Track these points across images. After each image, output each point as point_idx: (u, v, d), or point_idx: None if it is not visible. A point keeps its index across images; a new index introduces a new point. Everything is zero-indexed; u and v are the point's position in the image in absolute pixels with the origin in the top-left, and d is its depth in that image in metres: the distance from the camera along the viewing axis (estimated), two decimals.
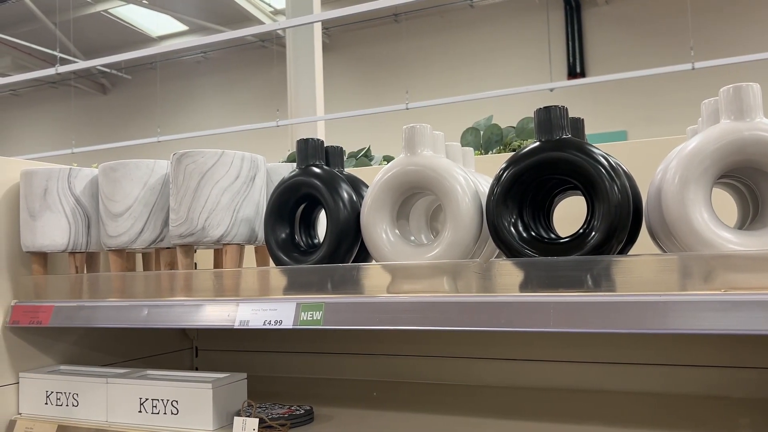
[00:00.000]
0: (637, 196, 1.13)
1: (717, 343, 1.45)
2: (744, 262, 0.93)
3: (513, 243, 1.07)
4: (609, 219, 1.02)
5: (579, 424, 1.26)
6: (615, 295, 0.97)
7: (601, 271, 0.99)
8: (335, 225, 1.19)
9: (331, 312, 1.15)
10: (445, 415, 1.35)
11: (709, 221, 0.96)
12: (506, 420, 1.30)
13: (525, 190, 1.10)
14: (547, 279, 1.02)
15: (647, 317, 0.95)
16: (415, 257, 1.14)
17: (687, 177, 0.97)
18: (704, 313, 0.92)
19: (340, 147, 1.34)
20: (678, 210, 0.98)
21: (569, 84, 8.42)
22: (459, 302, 1.06)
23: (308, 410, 1.33)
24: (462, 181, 1.13)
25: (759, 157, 0.95)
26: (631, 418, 1.29)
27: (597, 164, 1.03)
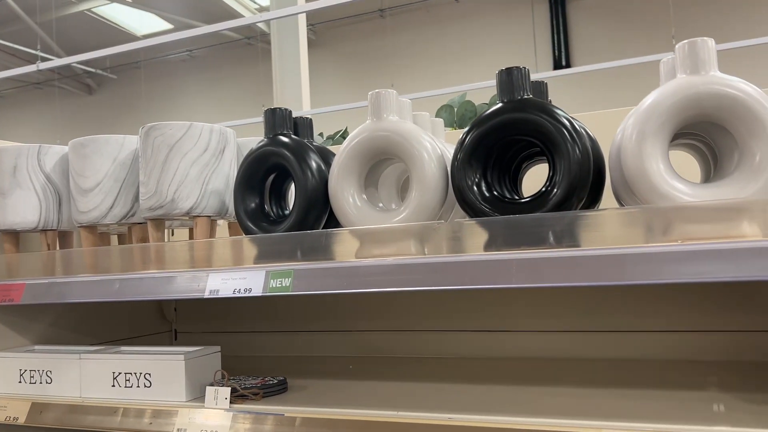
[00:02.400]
0: (599, 156, 1.14)
1: (688, 308, 1.46)
2: (699, 214, 0.95)
3: (476, 203, 1.08)
4: (569, 177, 1.03)
5: (553, 387, 1.27)
6: (575, 250, 0.98)
7: (560, 227, 1.00)
8: (303, 193, 1.20)
9: (300, 278, 1.16)
10: (419, 383, 1.36)
11: (665, 175, 0.98)
12: (480, 385, 1.31)
13: (489, 151, 1.11)
14: (509, 237, 1.03)
15: (606, 270, 0.96)
16: (382, 222, 1.15)
17: (644, 132, 0.99)
18: (662, 264, 0.93)
19: (310, 118, 1.34)
20: (636, 165, 0.99)
21: (554, 75, 8.44)
22: (425, 263, 1.07)
23: (281, 380, 1.34)
24: (427, 146, 1.14)
25: (714, 111, 0.97)
26: (605, 382, 1.30)
27: (557, 123, 1.04)
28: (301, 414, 1.17)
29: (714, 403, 1.07)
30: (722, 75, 0.97)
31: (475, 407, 1.13)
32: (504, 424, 1.01)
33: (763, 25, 7.95)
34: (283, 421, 1.18)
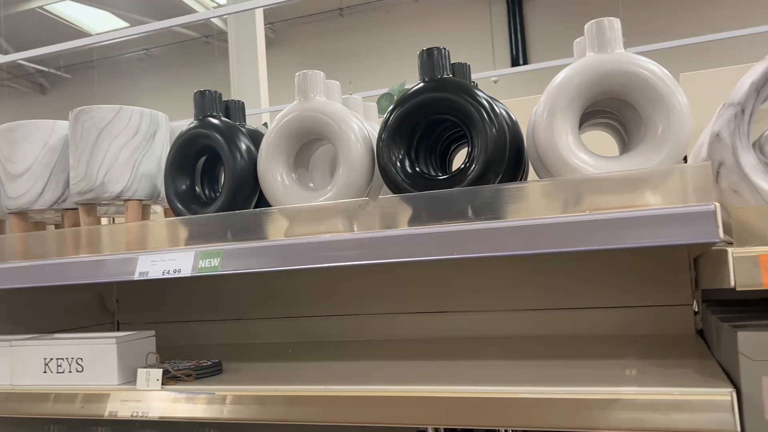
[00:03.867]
0: (518, 136, 1.18)
1: (613, 286, 1.52)
2: (606, 185, 0.99)
3: (398, 180, 1.11)
4: (486, 154, 1.07)
5: (488, 360, 1.31)
6: (491, 222, 1.02)
7: (477, 201, 1.04)
8: (232, 174, 1.21)
9: (230, 258, 1.17)
10: (354, 362, 1.38)
11: (574, 148, 1.02)
12: (412, 361, 1.34)
13: (413, 130, 1.14)
14: (430, 212, 1.06)
15: (520, 240, 1.00)
16: (310, 201, 1.17)
17: (554, 108, 1.03)
18: (572, 233, 0.97)
19: (242, 101, 1.35)
20: (547, 139, 1.03)
21: (512, 71, 8.58)
22: (350, 239, 1.09)
23: (216, 363, 1.34)
24: (354, 126, 1.16)
25: (619, 87, 1.01)
26: (530, 356, 1.34)
27: (475, 102, 1.08)
28: (231, 392, 1.18)
29: (627, 369, 1.12)
30: (626, 53, 1.02)
31: (402, 380, 1.16)
32: (423, 393, 1.04)
33: (709, 25, 8.22)
34: (213, 400, 1.19)
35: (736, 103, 0.97)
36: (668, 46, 6.18)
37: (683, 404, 0.92)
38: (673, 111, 0.99)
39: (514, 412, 1.00)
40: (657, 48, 6.07)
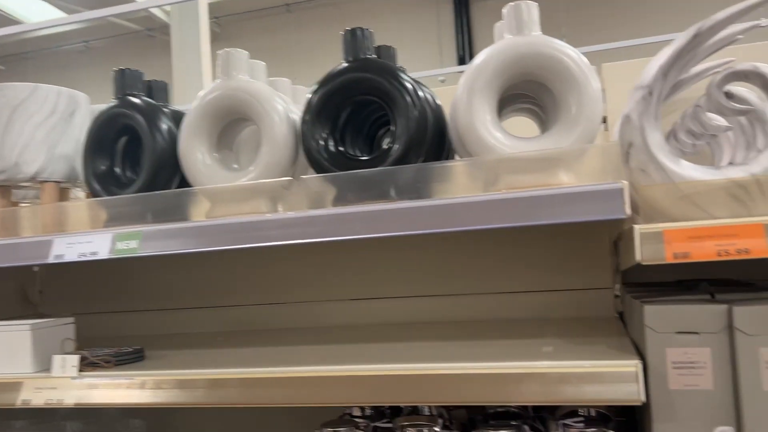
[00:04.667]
0: (441, 119, 1.19)
1: (538, 271, 1.55)
2: (521, 164, 1.01)
3: (321, 161, 1.10)
4: (407, 134, 1.07)
5: (413, 342, 1.31)
6: (412, 201, 1.03)
7: (397, 180, 1.04)
8: (152, 154, 1.18)
9: (149, 240, 1.14)
10: (283, 346, 1.37)
11: (492, 128, 1.04)
12: (344, 345, 1.34)
13: (337, 111, 1.14)
14: (352, 192, 1.07)
15: (439, 219, 1.01)
16: (232, 182, 1.15)
17: (473, 89, 1.04)
18: (488, 211, 0.99)
19: (165, 82, 1.32)
20: (466, 119, 1.05)
21: (458, 70, 8.67)
22: (273, 220, 1.08)
23: (138, 349, 1.31)
24: (278, 106, 1.15)
25: (535, 69, 1.04)
26: (459, 338, 1.36)
27: (397, 83, 1.08)
28: (151, 377, 1.15)
29: (544, 346, 1.15)
30: (543, 36, 1.05)
31: (325, 361, 1.15)
32: (344, 372, 1.04)
33: (649, 26, 8.52)
34: (132, 385, 1.16)
35: (645, 86, 1.01)
36: (610, 47, 6.36)
37: (592, 376, 0.95)
38: (586, 93, 1.02)
39: (433, 388, 1.01)
40: (600, 49, 6.24)
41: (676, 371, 0.95)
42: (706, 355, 0.94)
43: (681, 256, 0.92)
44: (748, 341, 0.92)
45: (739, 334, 0.92)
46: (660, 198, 0.97)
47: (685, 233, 0.93)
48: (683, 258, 0.93)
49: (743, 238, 0.90)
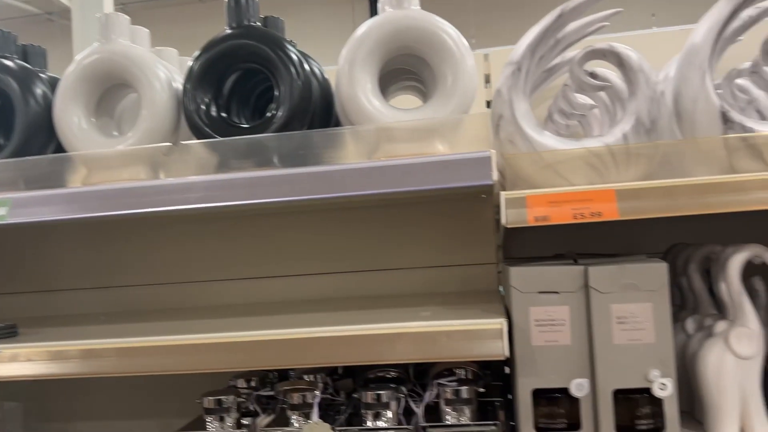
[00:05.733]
0: (327, 91, 1.21)
1: (425, 248, 1.59)
2: (398, 133, 1.05)
3: (202, 126, 1.10)
4: (291, 102, 1.09)
5: (295, 315, 1.33)
6: (293, 168, 1.04)
7: (278, 147, 1.06)
8: (24, 119, 1.13)
9: (19, 207, 1.09)
10: (166, 322, 1.35)
11: (373, 98, 1.07)
12: (231, 318, 1.33)
13: (220, 77, 1.13)
14: (234, 158, 1.07)
15: (319, 185, 1.03)
16: (109, 147, 1.13)
17: (354, 60, 1.07)
18: (366, 178, 1.02)
19: (42, 48, 1.27)
20: (347, 90, 1.07)
21: None
22: (150, 186, 1.07)
23: (10, 325, 1.25)
24: (159, 72, 1.13)
25: (413, 42, 1.08)
26: (341, 309, 1.38)
27: (280, 51, 1.09)
28: (23, 349, 1.11)
29: (421, 312, 1.19)
30: (421, 10, 1.09)
31: (201, 331, 1.14)
32: (218, 339, 1.04)
33: None
34: (2, 358, 1.11)
35: (514, 62, 1.07)
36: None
37: (461, 334, 0.99)
38: (462, 67, 1.07)
39: (309, 350, 1.03)
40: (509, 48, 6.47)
41: (538, 328, 1.02)
42: (565, 312, 1.01)
43: (541, 219, 0.99)
44: (601, 299, 0.99)
45: (593, 292, 1.00)
46: (525, 166, 1.03)
47: (545, 198, 0.99)
48: (543, 221, 0.99)
49: (596, 203, 0.97)
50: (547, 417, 1.01)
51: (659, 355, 0.97)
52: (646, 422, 0.98)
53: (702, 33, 1.00)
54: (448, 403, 1.07)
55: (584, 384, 0.99)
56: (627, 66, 1.01)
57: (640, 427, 0.98)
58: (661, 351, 0.97)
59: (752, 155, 0.97)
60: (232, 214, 1.57)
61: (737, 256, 0.99)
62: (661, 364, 0.97)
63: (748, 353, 0.97)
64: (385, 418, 1.07)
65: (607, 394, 0.98)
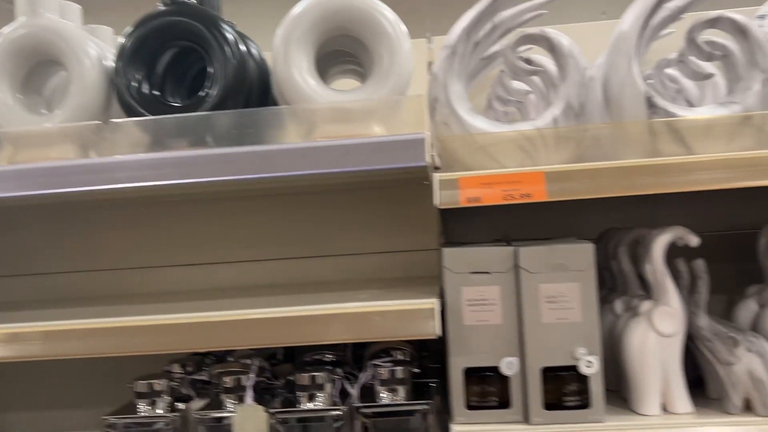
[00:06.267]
0: (264, 72, 1.19)
1: (368, 233, 1.60)
2: (334, 114, 1.05)
3: (133, 104, 1.07)
4: (224, 81, 1.07)
5: (236, 299, 1.31)
6: (225, 147, 1.03)
7: (210, 126, 1.04)
8: None
9: None
10: (100, 306, 1.31)
11: (309, 78, 1.06)
12: (167, 303, 1.30)
13: (152, 54, 1.11)
14: (165, 137, 1.05)
15: (253, 164, 1.02)
16: (36, 125, 1.09)
17: (290, 39, 1.06)
18: (300, 158, 1.01)
19: None
20: (283, 70, 1.06)
21: None
22: (77, 165, 1.04)
23: None
24: (88, 49, 1.10)
25: (350, 24, 1.07)
26: (283, 293, 1.38)
27: (215, 30, 1.08)
28: None
29: (359, 294, 1.19)
30: None
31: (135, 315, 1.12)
32: (149, 322, 1.02)
33: None
34: None
35: (450, 46, 1.07)
36: None
37: (395, 314, 1.00)
38: (398, 50, 1.07)
39: (243, 332, 1.02)
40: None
41: (470, 308, 1.03)
42: (496, 292, 1.03)
43: (473, 200, 1.00)
44: (530, 279, 1.01)
45: (523, 272, 1.02)
46: (459, 149, 1.04)
47: (477, 180, 1.01)
48: (475, 202, 1.00)
49: (526, 184, 0.99)
50: (479, 395, 1.03)
51: (586, 333, 1.00)
52: (573, 399, 1.01)
53: (629, 21, 1.03)
54: (382, 384, 1.08)
55: (514, 362, 1.02)
56: (558, 51, 1.03)
57: (568, 404, 1.01)
58: (587, 330, 1.00)
59: (675, 139, 1.00)
60: (170, 198, 1.54)
61: (661, 238, 1.02)
62: (588, 342, 1.00)
63: (670, 331, 1.01)
64: (319, 399, 1.07)
65: (535, 372, 1.00)
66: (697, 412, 1.02)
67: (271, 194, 1.59)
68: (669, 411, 1.02)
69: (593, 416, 0.99)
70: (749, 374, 0.98)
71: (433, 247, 1.61)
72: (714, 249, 1.41)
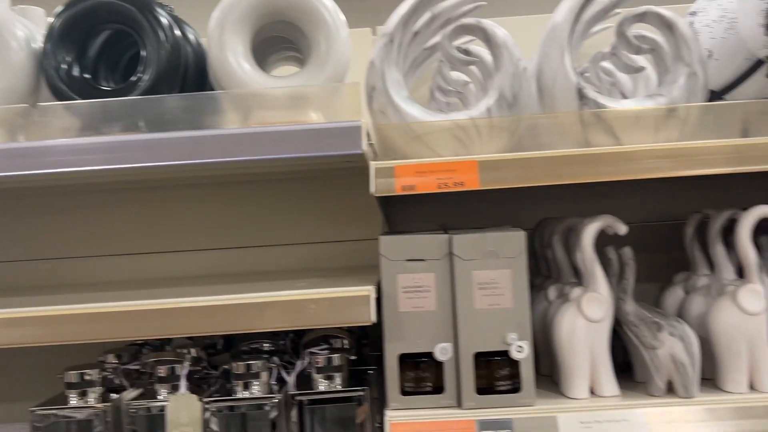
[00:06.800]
0: (202, 57, 1.18)
1: (312, 222, 1.59)
2: (270, 101, 1.04)
3: (62, 88, 1.04)
4: (157, 66, 1.05)
5: (173, 288, 1.29)
6: (157, 133, 1.01)
7: (143, 111, 1.02)
8: None
9: None
10: (31, 296, 1.28)
11: (244, 63, 1.05)
12: (99, 293, 1.28)
13: (84, 37, 1.08)
14: (96, 121, 1.02)
15: (185, 150, 1.01)
16: None
17: (225, 24, 1.05)
18: (234, 144, 1.00)
19: None
20: (218, 54, 1.05)
21: None
22: (5, 149, 1.01)
23: None
24: (14, 30, 1.07)
25: (286, 9, 1.07)
26: (223, 283, 1.36)
27: (147, 13, 1.05)
28: None
29: (304, 283, 1.19)
30: None
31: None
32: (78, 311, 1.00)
33: None
34: None
35: (387, 34, 1.08)
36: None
37: (331, 301, 1.00)
38: (336, 37, 1.07)
39: (177, 320, 1.00)
40: None
41: (405, 295, 1.04)
42: (431, 279, 1.04)
43: (408, 188, 1.01)
44: (464, 266, 1.03)
45: (457, 259, 1.03)
46: (395, 137, 1.05)
47: (412, 168, 1.01)
48: (410, 190, 1.01)
49: (460, 173, 1.00)
50: (414, 381, 1.04)
51: (517, 319, 1.02)
52: (504, 383, 1.03)
53: (562, 13, 1.05)
54: (319, 371, 1.08)
55: (448, 348, 1.03)
56: (492, 42, 1.05)
57: (499, 388, 1.03)
58: (518, 315, 1.02)
59: (604, 130, 1.03)
60: (105, 186, 1.51)
61: (590, 226, 1.05)
62: (519, 327, 1.02)
63: (598, 317, 1.04)
64: (255, 388, 1.07)
65: (468, 358, 1.02)
66: (623, 395, 1.05)
67: (213, 183, 1.57)
68: (596, 394, 1.05)
69: (523, 400, 1.01)
70: (671, 358, 1.02)
71: (375, 237, 1.62)
72: (648, 239, 1.46)
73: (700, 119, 1.03)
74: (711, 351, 1.06)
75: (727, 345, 1.04)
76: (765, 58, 1.18)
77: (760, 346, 1.03)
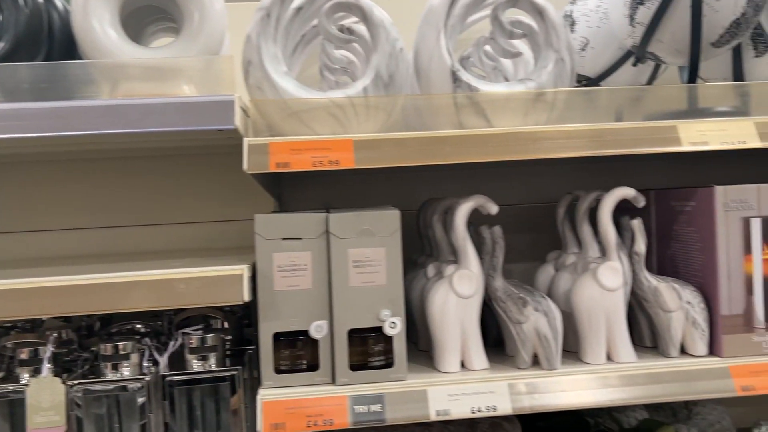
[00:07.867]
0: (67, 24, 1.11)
1: (203, 201, 1.55)
2: (138, 72, 1.00)
3: None
4: (14, 32, 0.99)
5: (45, 267, 1.23)
6: (18, 103, 0.95)
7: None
8: None
9: None
10: None
11: (109, 30, 1.01)
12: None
13: None
14: None
15: (43, 123, 0.95)
16: None
17: None
18: (100, 116, 0.96)
19: None
20: (81, 21, 1.00)
21: None
22: None
23: None
24: None
25: None
26: (102, 263, 1.31)
27: None
28: None
29: (181, 263, 1.16)
30: None
31: None
32: None
33: None
34: None
35: (264, 8, 1.05)
36: None
37: (202, 280, 0.98)
38: (208, 6, 1.04)
39: (36, 300, 0.96)
40: None
41: (280, 274, 1.04)
42: (307, 258, 1.04)
43: (282, 166, 1.00)
44: (340, 244, 1.03)
45: (333, 238, 1.03)
46: (271, 113, 1.04)
47: (287, 146, 1.00)
48: (284, 167, 1.00)
49: (335, 152, 1.00)
50: (289, 359, 1.04)
51: (390, 296, 1.04)
52: (378, 359, 1.04)
53: None
54: (192, 352, 1.06)
55: (323, 326, 1.04)
56: (369, 20, 1.05)
57: (373, 364, 1.04)
58: (391, 292, 1.04)
59: (476, 112, 1.06)
60: None
61: (463, 206, 1.08)
62: (392, 304, 1.04)
63: (468, 293, 1.07)
64: (126, 369, 1.03)
65: (342, 335, 1.03)
66: (492, 369, 1.09)
67: (93, 158, 1.50)
68: (467, 368, 1.09)
69: (395, 375, 1.04)
70: (536, 332, 1.07)
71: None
72: (528, 219, 1.52)
73: (566, 104, 1.08)
74: (575, 325, 1.12)
75: (587, 319, 1.09)
76: (632, 48, 1.25)
77: (616, 320, 1.09)
